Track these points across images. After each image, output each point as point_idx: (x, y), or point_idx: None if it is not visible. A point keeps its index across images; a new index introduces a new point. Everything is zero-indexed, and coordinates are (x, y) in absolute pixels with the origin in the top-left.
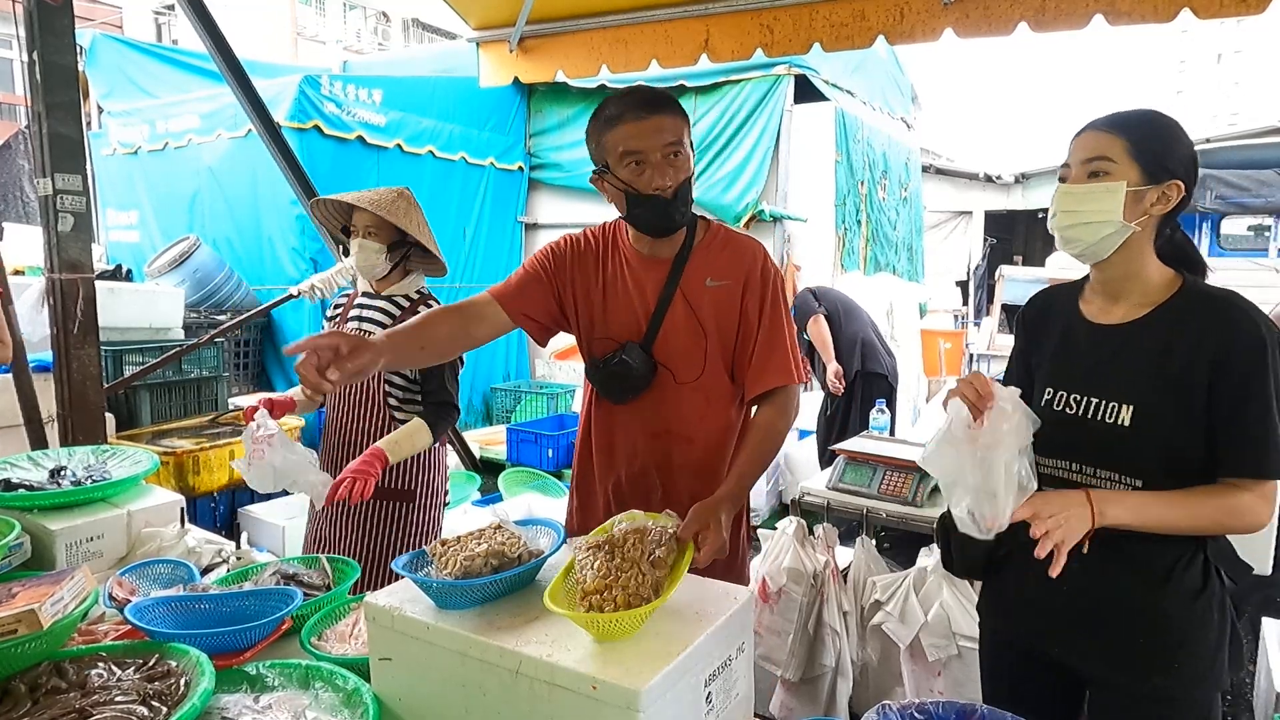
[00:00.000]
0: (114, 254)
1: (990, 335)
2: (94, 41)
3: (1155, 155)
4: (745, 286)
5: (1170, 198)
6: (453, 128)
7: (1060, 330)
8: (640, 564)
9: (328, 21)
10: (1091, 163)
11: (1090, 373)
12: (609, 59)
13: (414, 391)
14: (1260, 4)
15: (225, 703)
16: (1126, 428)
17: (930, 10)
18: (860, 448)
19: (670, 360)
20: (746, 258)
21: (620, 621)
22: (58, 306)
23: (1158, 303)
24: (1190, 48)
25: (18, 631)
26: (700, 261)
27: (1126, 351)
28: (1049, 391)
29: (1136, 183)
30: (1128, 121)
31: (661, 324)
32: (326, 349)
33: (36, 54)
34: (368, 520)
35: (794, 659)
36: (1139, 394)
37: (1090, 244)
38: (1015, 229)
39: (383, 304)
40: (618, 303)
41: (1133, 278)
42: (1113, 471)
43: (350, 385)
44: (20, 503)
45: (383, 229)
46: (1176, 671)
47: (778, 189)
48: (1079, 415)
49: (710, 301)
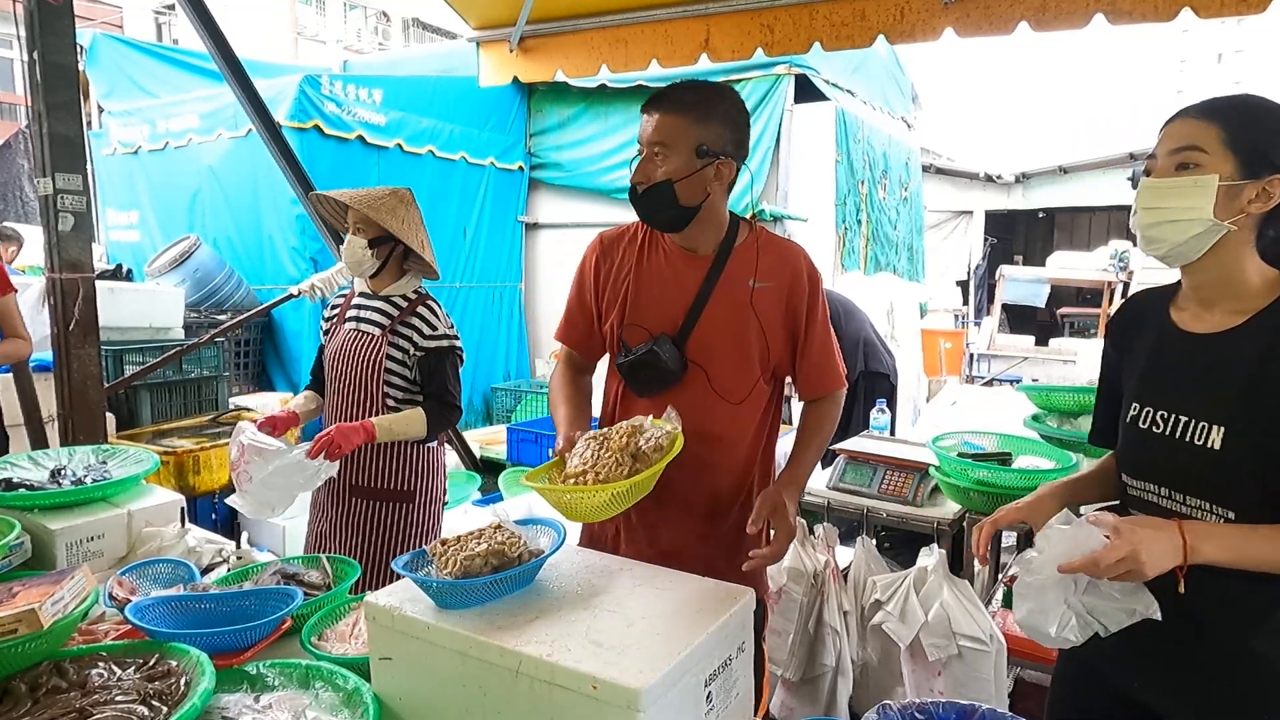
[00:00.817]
0: (114, 254)
1: (991, 335)
2: (94, 41)
3: (1255, 146)
4: (791, 290)
5: (1272, 195)
6: (453, 127)
7: (1152, 340)
8: (621, 454)
9: (328, 21)
10: (1180, 153)
11: (1179, 387)
12: (609, 58)
13: (414, 392)
14: (1261, 4)
15: (225, 702)
16: (1216, 451)
17: (930, 10)
18: (860, 447)
19: (705, 357)
20: (791, 261)
21: (576, 497)
22: (58, 306)
23: (1257, 309)
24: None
25: (18, 631)
26: (742, 261)
27: (1220, 364)
28: (1135, 407)
29: (1231, 176)
30: (1226, 107)
31: (699, 320)
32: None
33: (37, 54)
34: (367, 521)
35: (794, 659)
36: (1231, 413)
37: (1176, 244)
38: (1015, 229)
39: (380, 304)
40: (654, 294)
41: (1228, 283)
42: (1202, 499)
43: (349, 386)
44: (20, 502)
45: (369, 225)
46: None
47: (778, 188)
48: (1166, 434)
49: (753, 302)
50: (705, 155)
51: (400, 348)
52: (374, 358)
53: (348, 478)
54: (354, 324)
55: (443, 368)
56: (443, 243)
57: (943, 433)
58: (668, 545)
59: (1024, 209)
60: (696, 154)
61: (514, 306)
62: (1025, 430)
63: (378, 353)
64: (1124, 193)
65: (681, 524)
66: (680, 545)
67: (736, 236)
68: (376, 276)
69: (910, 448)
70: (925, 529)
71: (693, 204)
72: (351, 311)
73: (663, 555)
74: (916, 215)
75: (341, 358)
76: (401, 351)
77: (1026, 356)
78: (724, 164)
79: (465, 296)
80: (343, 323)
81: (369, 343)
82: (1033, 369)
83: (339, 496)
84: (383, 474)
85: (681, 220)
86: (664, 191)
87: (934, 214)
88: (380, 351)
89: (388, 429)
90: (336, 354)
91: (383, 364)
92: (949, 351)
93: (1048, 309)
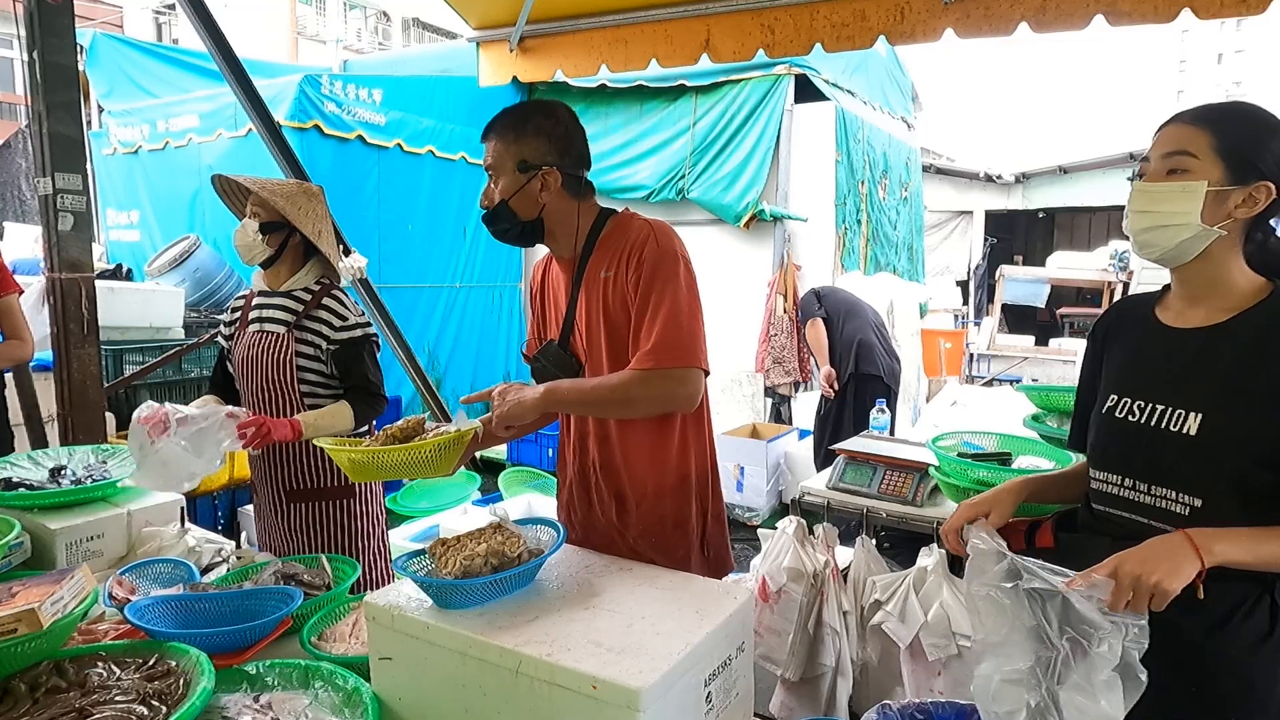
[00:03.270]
0: (114, 253)
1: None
2: (94, 41)
3: (1243, 152)
4: (627, 271)
5: (1258, 200)
6: (453, 127)
7: (1133, 337)
8: (391, 438)
9: (328, 21)
10: (1171, 158)
11: (1159, 377)
12: (609, 59)
13: (333, 387)
14: (1261, 4)
15: (225, 702)
16: (1192, 437)
17: (931, 10)
18: (860, 447)
19: (587, 355)
20: (628, 242)
21: (343, 453)
22: (58, 306)
23: (1241, 309)
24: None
25: (18, 631)
26: (599, 255)
27: (1202, 356)
28: (1113, 398)
29: (1219, 182)
30: (1217, 114)
31: (572, 323)
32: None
33: (37, 53)
34: (312, 523)
35: (794, 659)
36: (1210, 401)
37: (1167, 249)
38: (1015, 229)
39: (280, 300)
40: (549, 305)
41: (1214, 284)
42: (1169, 489)
43: (261, 390)
44: (20, 502)
45: (264, 208)
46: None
47: (778, 189)
48: (1142, 423)
49: (603, 294)
50: (527, 169)
51: (309, 343)
52: (283, 357)
53: (284, 483)
54: (256, 325)
55: (360, 358)
56: (443, 243)
57: (942, 433)
58: (598, 543)
59: (1024, 209)
60: (519, 169)
61: (514, 306)
62: (1025, 430)
63: (285, 351)
64: (1124, 193)
65: (604, 520)
66: (607, 540)
67: (600, 232)
68: (272, 268)
69: (910, 448)
70: (925, 529)
71: (530, 216)
72: (253, 313)
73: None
74: (916, 215)
75: (248, 361)
76: (312, 347)
77: (1026, 356)
78: (548, 173)
79: (465, 296)
80: (245, 325)
81: (274, 342)
82: (1033, 369)
83: (278, 503)
84: (318, 473)
85: (529, 232)
86: (501, 211)
87: (934, 214)
88: (288, 349)
89: (314, 425)
90: (243, 358)
91: (293, 362)
92: (949, 351)
93: (1048, 309)
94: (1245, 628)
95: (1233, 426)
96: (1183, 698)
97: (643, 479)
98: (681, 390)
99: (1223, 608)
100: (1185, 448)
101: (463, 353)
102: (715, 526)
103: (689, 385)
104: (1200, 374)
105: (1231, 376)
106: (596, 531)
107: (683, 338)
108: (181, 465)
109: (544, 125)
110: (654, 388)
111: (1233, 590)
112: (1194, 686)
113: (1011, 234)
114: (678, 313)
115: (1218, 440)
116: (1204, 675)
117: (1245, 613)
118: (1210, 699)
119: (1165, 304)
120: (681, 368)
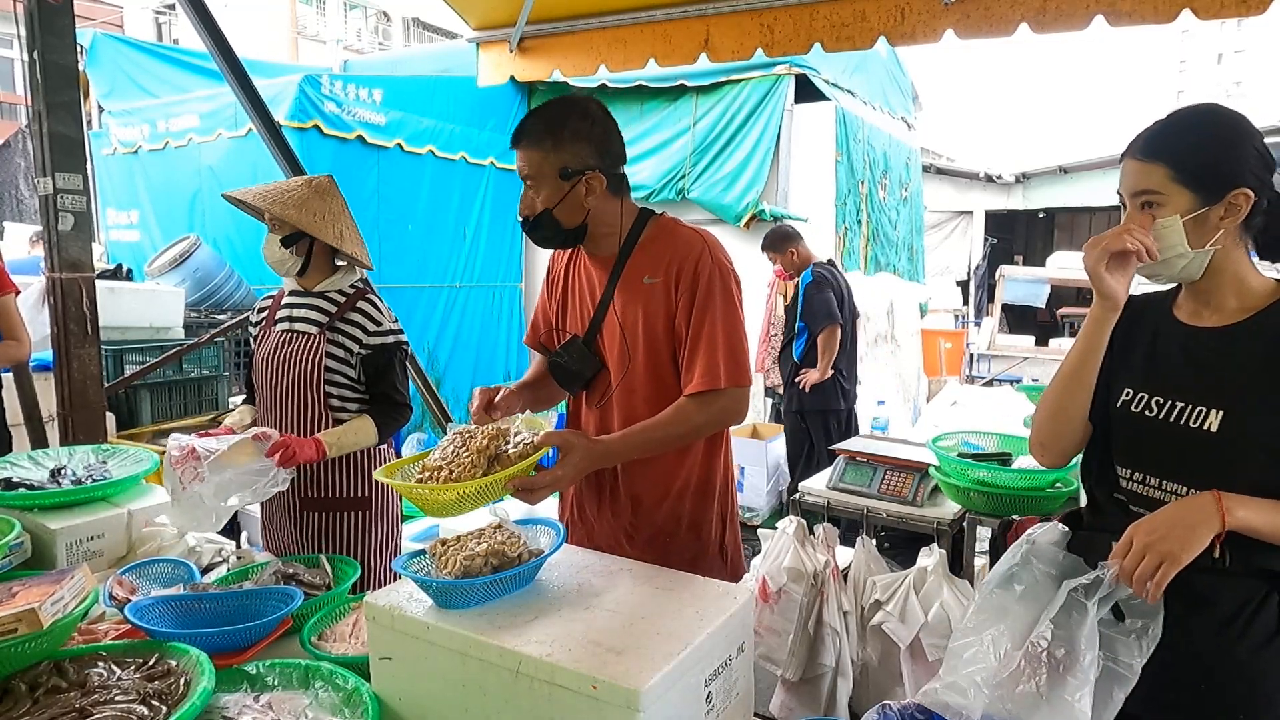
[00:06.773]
0: (114, 253)
1: (990, 335)
2: (94, 41)
3: (1205, 171)
4: (678, 283)
5: (1239, 206)
6: (453, 127)
7: (1149, 333)
8: (478, 456)
9: (328, 21)
10: (1140, 196)
11: (1180, 374)
12: (608, 59)
13: (359, 392)
14: (1261, 4)
15: (225, 702)
16: (1213, 434)
17: (931, 11)
18: (860, 447)
19: (609, 359)
20: (680, 253)
21: (421, 493)
22: (58, 306)
23: (1259, 308)
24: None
25: (18, 631)
26: (641, 259)
27: (1222, 354)
28: (1128, 393)
29: (1191, 208)
30: (1165, 141)
31: (603, 321)
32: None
33: (37, 53)
34: (324, 534)
35: (794, 659)
36: (1232, 399)
37: (1173, 276)
38: (1015, 229)
39: (313, 300)
40: (574, 300)
41: (1227, 286)
42: (1185, 485)
43: (286, 391)
44: (20, 502)
45: (280, 222)
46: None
47: (778, 188)
48: (1160, 418)
49: (642, 299)
50: (570, 176)
51: (342, 345)
52: (312, 358)
53: (299, 491)
54: (286, 324)
55: (391, 365)
56: (443, 243)
57: (943, 433)
58: (603, 544)
59: (1024, 209)
60: (561, 177)
61: (514, 306)
62: (1025, 430)
63: (316, 353)
64: None
65: (615, 521)
66: (613, 541)
67: (641, 234)
68: (305, 274)
69: (910, 448)
70: (925, 529)
71: (575, 223)
72: (282, 312)
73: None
74: (916, 215)
75: (275, 361)
76: (343, 350)
77: (1026, 357)
78: (592, 177)
79: (465, 296)
80: (273, 325)
81: (305, 343)
82: (1033, 369)
83: (291, 510)
84: (335, 483)
85: (572, 239)
86: (545, 220)
87: (934, 214)
88: (319, 351)
89: (337, 444)
90: (268, 358)
91: (322, 364)
92: (949, 352)
93: (1048, 309)
94: (1253, 627)
95: (1254, 424)
96: (1190, 697)
97: (666, 480)
98: (735, 408)
99: (1230, 607)
100: (1205, 443)
101: (462, 353)
102: (731, 529)
103: (743, 402)
104: (1221, 372)
105: (1255, 374)
106: (603, 532)
107: (739, 358)
108: (214, 506)
109: (581, 128)
110: (714, 409)
111: (1240, 589)
112: (1201, 685)
113: (1011, 234)
114: (732, 332)
115: (1240, 436)
116: (1211, 674)
117: (1252, 611)
118: (1217, 698)
119: (1179, 304)
120: (735, 387)
